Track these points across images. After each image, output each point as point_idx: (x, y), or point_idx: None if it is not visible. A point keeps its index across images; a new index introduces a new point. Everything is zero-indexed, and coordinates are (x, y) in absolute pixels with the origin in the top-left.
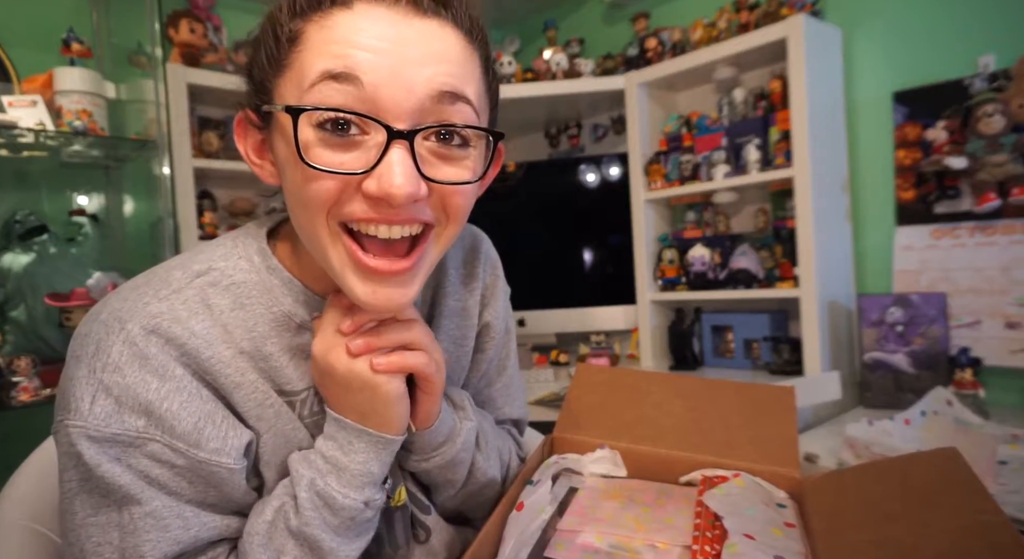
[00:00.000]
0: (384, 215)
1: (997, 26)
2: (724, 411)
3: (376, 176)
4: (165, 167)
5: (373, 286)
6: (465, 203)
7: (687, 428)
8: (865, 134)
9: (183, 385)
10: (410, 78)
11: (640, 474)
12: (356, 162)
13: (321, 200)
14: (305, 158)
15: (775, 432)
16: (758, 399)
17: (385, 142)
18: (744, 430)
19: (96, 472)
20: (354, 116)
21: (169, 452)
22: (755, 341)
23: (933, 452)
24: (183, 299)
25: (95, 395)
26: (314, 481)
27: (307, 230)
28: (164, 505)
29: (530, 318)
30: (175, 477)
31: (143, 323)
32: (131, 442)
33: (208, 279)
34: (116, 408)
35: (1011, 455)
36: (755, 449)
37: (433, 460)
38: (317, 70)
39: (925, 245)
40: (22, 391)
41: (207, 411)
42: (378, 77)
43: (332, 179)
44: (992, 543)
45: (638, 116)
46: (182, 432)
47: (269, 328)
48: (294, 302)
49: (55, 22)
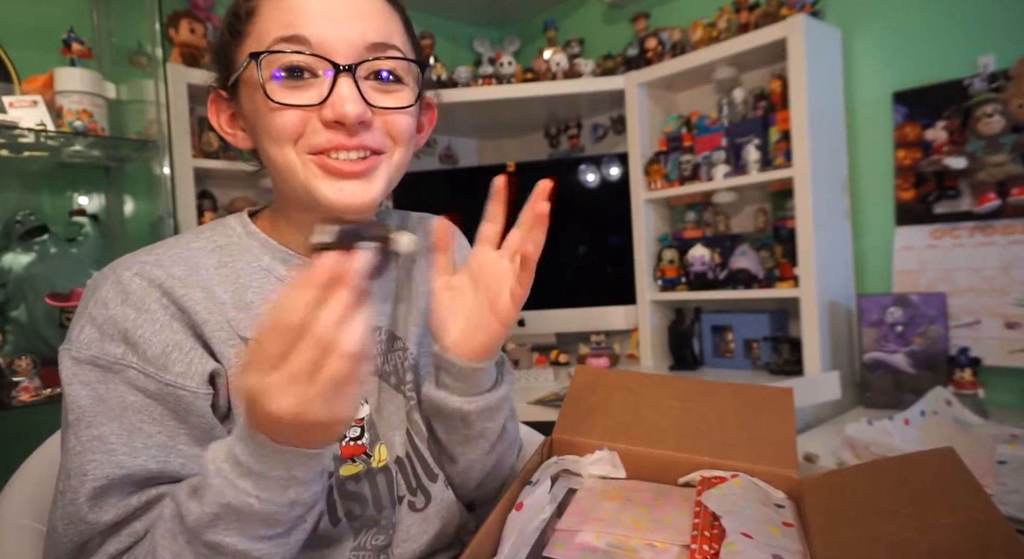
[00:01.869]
0: (342, 141)
1: (997, 26)
2: (722, 412)
3: (330, 104)
4: (165, 167)
5: (339, 184)
6: (406, 126)
7: (685, 429)
8: (865, 134)
9: (156, 317)
10: (348, 32)
11: (639, 475)
12: (312, 97)
13: (288, 131)
14: (269, 94)
15: (773, 433)
16: (756, 400)
17: (333, 77)
18: (742, 431)
19: (65, 390)
20: (305, 58)
21: (143, 377)
22: (755, 341)
23: (930, 452)
24: (170, 253)
25: (84, 325)
26: (223, 491)
27: (280, 162)
28: (113, 431)
29: (530, 318)
30: (148, 405)
31: (130, 267)
32: (109, 367)
33: (198, 244)
34: (99, 335)
35: (1010, 455)
36: (753, 450)
37: (477, 402)
38: (272, 36)
39: (925, 245)
40: (22, 391)
41: (176, 340)
42: (322, 35)
43: (294, 112)
44: (988, 541)
45: (638, 116)
46: (151, 356)
47: (249, 279)
48: (272, 259)
49: (55, 22)
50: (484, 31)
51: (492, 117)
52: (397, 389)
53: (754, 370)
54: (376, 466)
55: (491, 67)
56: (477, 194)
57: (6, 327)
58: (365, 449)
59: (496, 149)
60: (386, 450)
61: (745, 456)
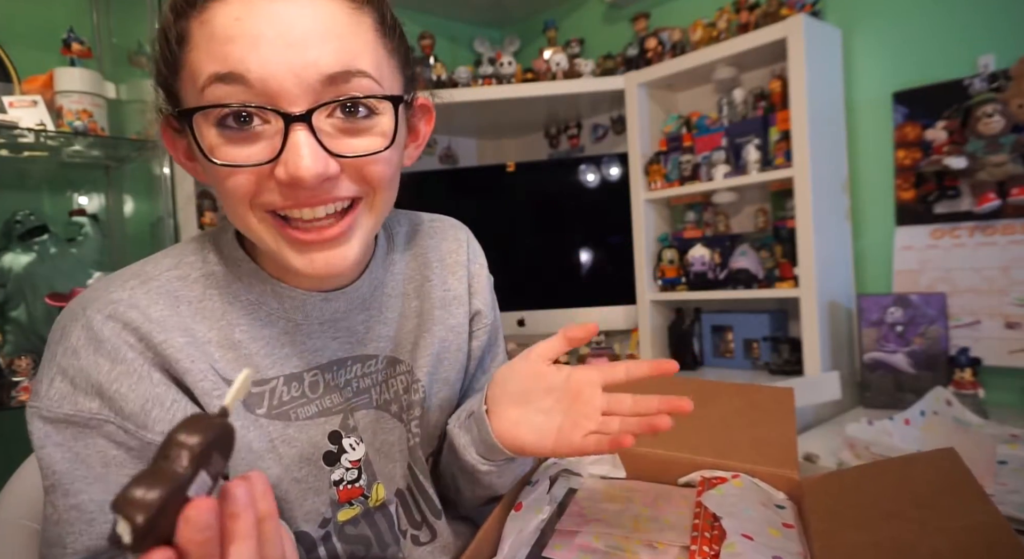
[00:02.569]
0: (302, 199)
1: (997, 26)
2: (723, 412)
3: (283, 162)
4: (165, 167)
5: (310, 255)
6: (386, 170)
7: (686, 429)
8: (865, 134)
9: (133, 368)
10: (297, 64)
11: (639, 475)
12: (262, 153)
13: (240, 194)
14: (210, 157)
15: (774, 433)
16: (757, 400)
17: (284, 128)
18: (743, 431)
19: (38, 454)
20: (247, 108)
21: (122, 434)
22: (755, 341)
23: (931, 453)
24: (147, 289)
25: (53, 378)
26: None
27: (238, 221)
28: (92, 500)
29: (530, 318)
30: (132, 461)
31: (102, 309)
32: (85, 423)
33: (177, 273)
34: (71, 390)
35: (1010, 455)
36: (754, 450)
37: (492, 465)
38: (206, 73)
39: (925, 245)
40: (22, 391)
41: (156, 394)
42: (265, 70)
43: (243, 173)
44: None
45: (638, 116)
46: (130, 412)
47: (238, 315)
48: (261, 291)
49: (55, 22)
50: (484, 31)
51: (492, 117)
52: (399, 418)
53: (754, 370)
54: (373, 506)
55: (491, 67)
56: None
57: (6, 327)
58: (362, 491)
59: (496, 149)
60: (383, 489)
61: (746, 456)
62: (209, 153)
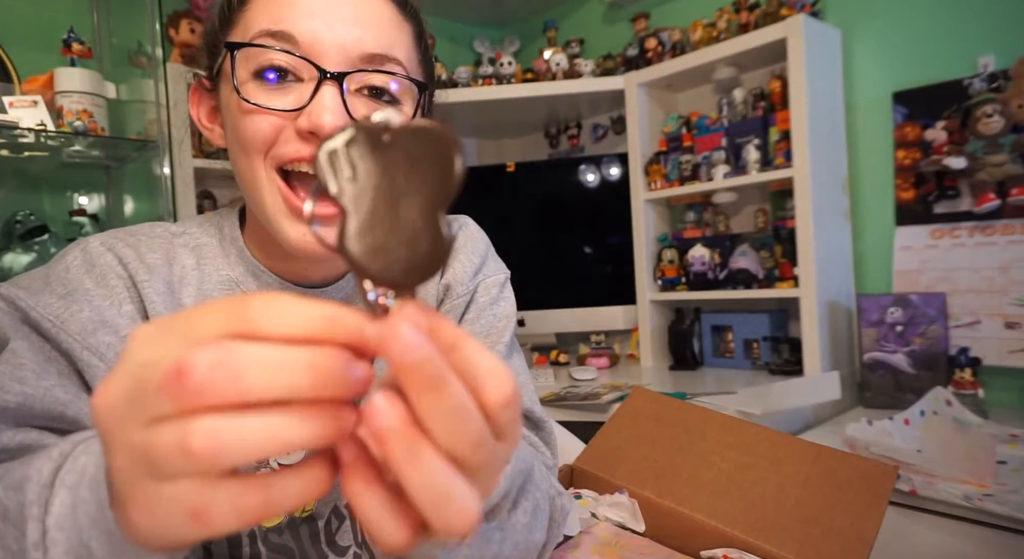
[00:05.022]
0: (311, 153)
1: (997, 26)
2: (788, 478)
3: (307, 112)
4: (166, 167)
5: (304, 229)
6: None
7: (728, 490)
8: (865, 134)
9: (112, 294)
10: (343, 36)
11: (657, 534)
12: (290, 102)
13: (258, 140)
14: (243, 93)
15: (847, 523)
16: (842, 472)
17: (317, 82)
18: (805, 509)
19: None
20: (289, 58)
21: (53, 329)
22: (755, 341)
23: None
24: (149, 240)
25: (35, 274)
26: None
27: (246, 175)
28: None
29: (530, 318)
30: (53, 357)
31: (104, 241)
32: (25, 312)
33: (181, 240)
34: (43, 285)
35: (1010, 455)
36: (810, 540)
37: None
38: (258, 27)
39: (924, 245)
40: None
41: (117, 323)
42: (313, 35)
43: (267, 118)
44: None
45: (638, 116)
46: (82, 319)
47: (217, 290)
48: (244, 271)
49: (55, 22)
50: (484, 31)
51: (492, 117)
52: None
53: (754, 370)
54: (299, 517)
55: (491, 67)
56: (477, 194)
57: None
58: None
59: (496, 149)
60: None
61: (795, 545)
62: (243, 92)
